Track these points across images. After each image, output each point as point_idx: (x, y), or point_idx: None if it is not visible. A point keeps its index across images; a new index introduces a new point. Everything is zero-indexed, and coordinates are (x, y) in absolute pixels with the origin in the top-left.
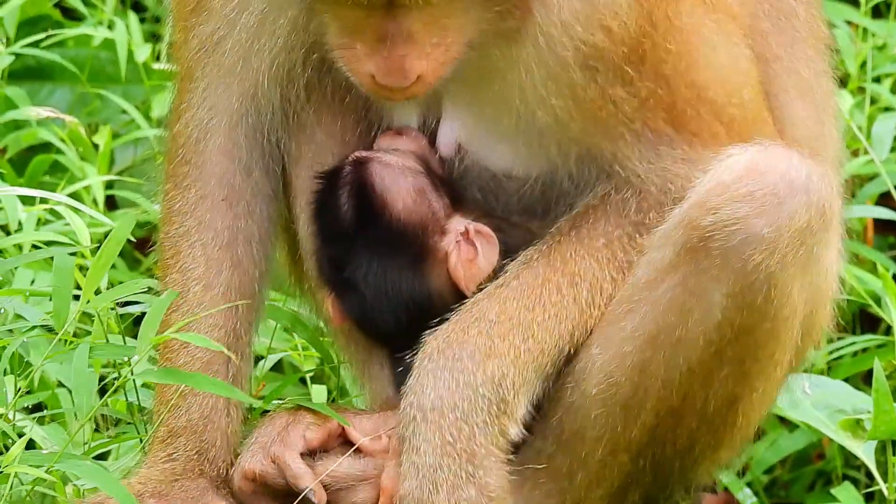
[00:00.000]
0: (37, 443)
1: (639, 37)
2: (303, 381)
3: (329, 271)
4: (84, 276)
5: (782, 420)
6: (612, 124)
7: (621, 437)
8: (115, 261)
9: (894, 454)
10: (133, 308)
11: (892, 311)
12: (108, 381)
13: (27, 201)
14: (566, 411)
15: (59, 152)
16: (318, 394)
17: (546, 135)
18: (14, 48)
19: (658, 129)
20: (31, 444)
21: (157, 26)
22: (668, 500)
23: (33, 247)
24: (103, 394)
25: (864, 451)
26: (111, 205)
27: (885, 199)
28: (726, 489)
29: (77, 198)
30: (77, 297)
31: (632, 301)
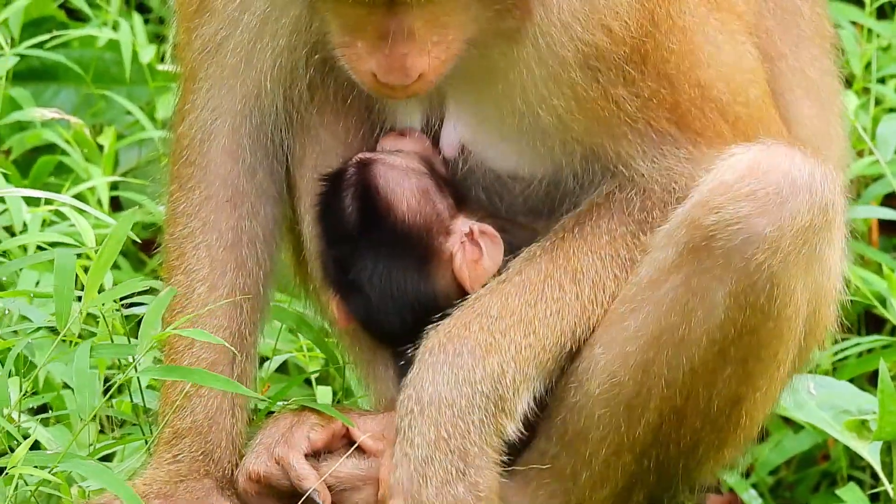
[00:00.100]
0: (42, 444)
1: (640, 36)
2: (308, 382)
3: (334, 273)
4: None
5: (787, 421)
6: (615, 124)
7: (625, 436)
8: (119, 262)
9: None
10: (137, 309)
11: None
12: (113, 383)
13: (32, 202)
14: (570, 411)
15: (64, 153)
16: (323, 395)
17: (549, 134)
18: (19, 49)
19: (662, 128)
20: (36, 445)
21: (162, 27)
22: (672, 500)
23: (38, 248)
24: (110, 396)
25: (870, 452)
26: (116, 206)
27: (890, 200)
28: (731, 490)
29: (82, 199)
30: (81, 299)
31: (634, 301)
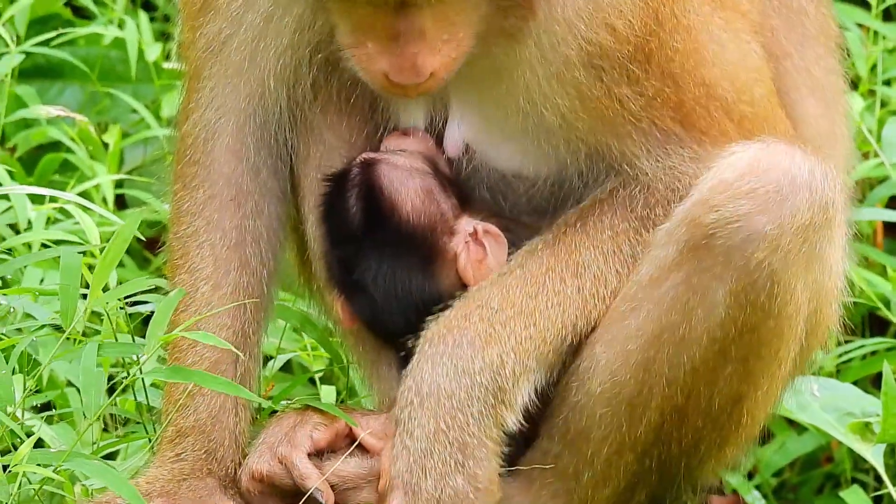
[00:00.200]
0: (45, 442)
1: (644, 35)
2: (312, 381)
3: (338, 273)
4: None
5: (791, 423)
6: (620, 123)
7: (627, 436)
8: (124, 261)
9: None
10: (142, 308)
11: None
12: (117, 381)
13: (37, 200)
14: (571, 411)
15: (69, 151)
16: (327, 394)
17: (553, 133)
18: (24, 47)
19: (666, 127)
20: (40, 444)
21: (168, 25)
22: (675, 500)
23: (42, 246)
24: (113, 394)
25: (873, 454)
26: (121, 204)
27: (895, 203)
28: (735, 491)
29: (87, 197)
30: (86, 296)
31: (635, 299)
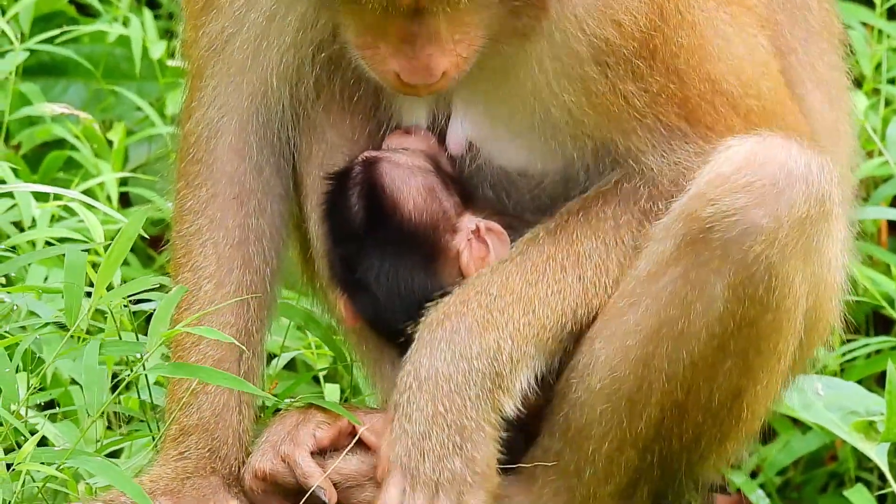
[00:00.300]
0: (49, 440)
1: (649, 31)
2: (316, 379)
3: (341, 271)
4: (97, 272)
5: (795, 422)
6: (625, 119)
7: (627, 431)
8: (128, 258)
9: None
10: (146, 306)
11: None
12: (120, 379)
13: (41, 198)
14: (572, 407)
15: (74, 149)
16: (331, 392)
17: (560, 130)
18: (29, 44)
19: (671, 123)
20: (44, 442)
21: (172, 23)
22: (677, 496)
23: (47, 243)
24: (116, 391)
25: (877, 453)
26: (125, 202)
27: None
28: (739, 490)
29: (91, 195)
30: (90, 294)
31: (634, 295)
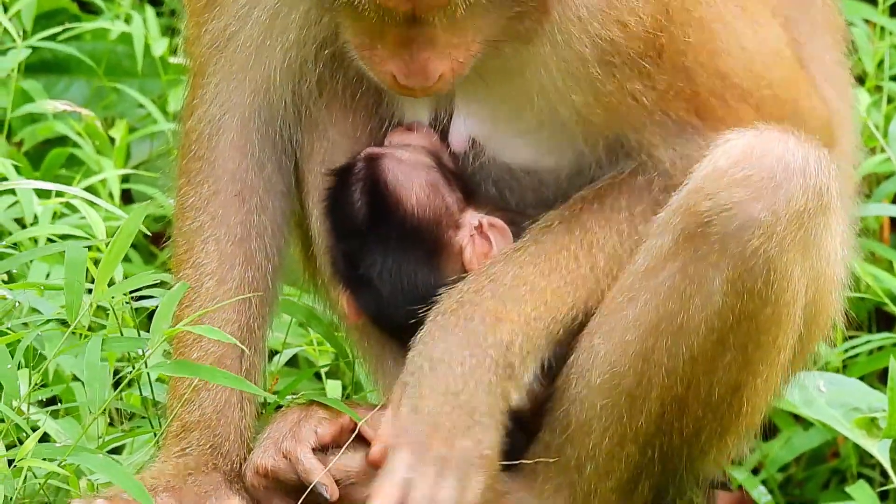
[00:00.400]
0: (51, 436)
1: (655, 31)
2: (318, 376)
3: (343, 268)
4: (98, 269)
5: (797, 418)
6: (634, 116)
7: (628, 427)
8: (130, 255)
9: None
10: (148, 302)
11: None
12: (122, 376)
13: (43, 195)
14: (572, 403)
15: (76, 146)
16: (333, 389)
17: (570, 128)
18: (31, 41)
19: (681, 118)
20: (45, 438)
21: (174, 20)
22: (678, 492)
23: (49, 240)
24: (118, 388)
25: (879, 450)
26: (127, 199)
27: None
28: (741, 487)
29: (93, 191)
30: (91, 291)
31: (632, 289)
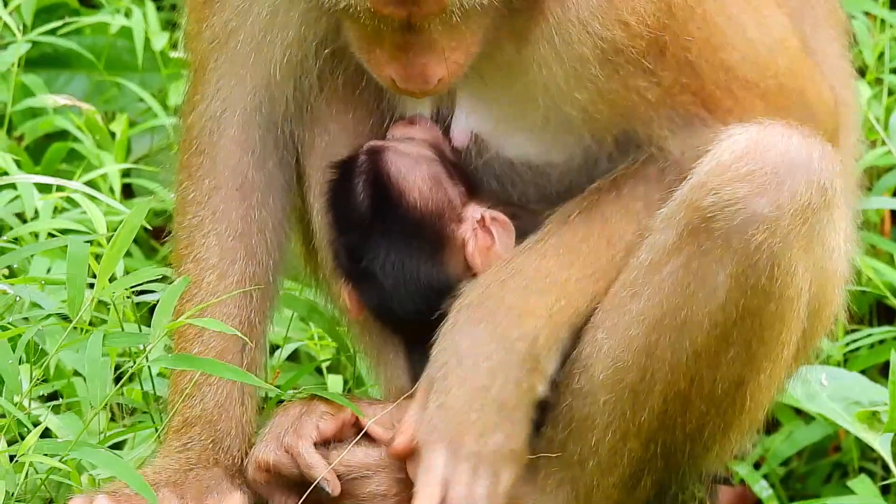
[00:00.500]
0: (52, 431)
1: (657, 29)
2: (319, 370)
3: (346, 261)
4: (100, 264)
5: (799, 412)
6: (641, 111)
7: (631, 422)
8: (131, 250)
9: None
10: (149, 297)
11: None
12: (123, 370)
13: (43, 189)
14: (575, 398)
15: (76, 140)
16: (334, 383)
17: (576, 125)
18: (31, 36)
19: (688, 112)
20: (47, 433)
21: (175, 14)
22: (681, 487)
23: (49, 235)
24: (119, 383)
25: (881, 444)
26: (128, 193)
27: None
28: (743, 481)
29: (93, 186)
30: (92, 286)
31: (636, 284)
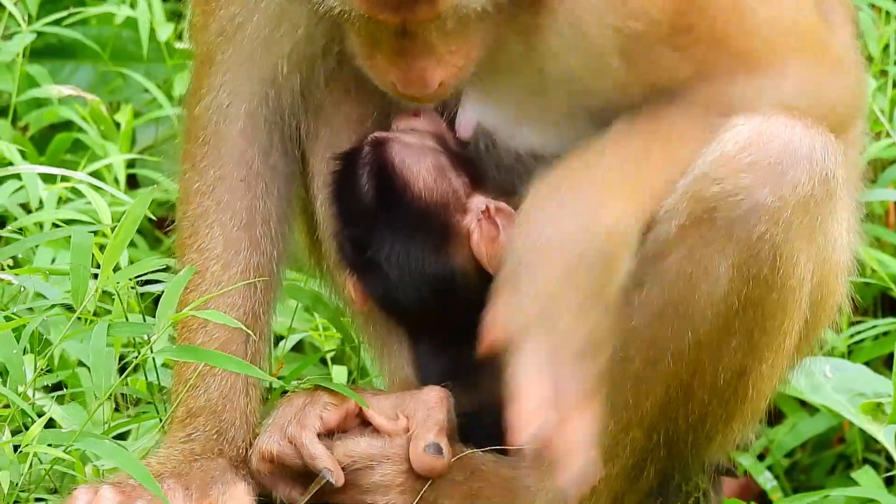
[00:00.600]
0: (56, 422)
1: (679, 12)
2: (323, 361)
3: (350, 253)
4: (104, 254)
5: (803, 404)
6: (670, 86)
7: (633, 412)
8: (136, 240)
9: None
10: (153, 287)
11: None
12: (128, 361)
13: (48, 179)
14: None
15: (81, 131)
16: (339, 374)
17: (593, 113)
18: (36, 26)
19: (717, 75)
20: (51, 424)
21: (180, 5)
22: (684, 478)
23: (54, 225)
24: (124, 373)
25: (885, 435)
26: (132, 184)
27: None
28: (746, 473)
29: (98, 176)
30: (97, 276)
31: (638, 274)
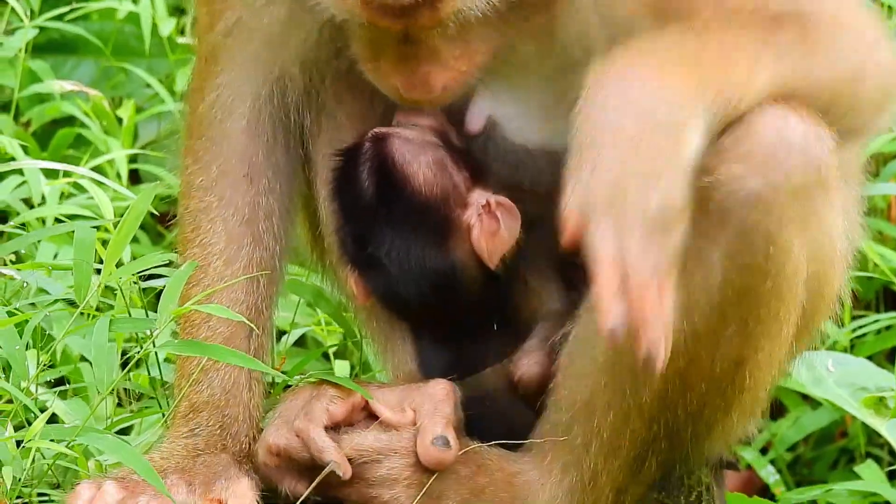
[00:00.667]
0: (59, 417)
1: None
2: (325, 356)
3: (352, 248)
4: (107, 249)
5: (805, 398)
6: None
7: (631, 402)
8: (138, 235)
9: None
10: (156, 282)
11: None
12: (130, 356)
13: (50, 175)
14: (576, 380)
15: (83, 126)
16: (341, 369)
17: None
18: (38, 21)
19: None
20: (54, 419)
21: (182, 0)
22: (686, 471)
23: (56, 220)
24: (126, 368)
25: (888, 429)
26: (135, 179)
27: None
28: (749, 467)
29: (100, 172)
30: (99, 271)
31: None
